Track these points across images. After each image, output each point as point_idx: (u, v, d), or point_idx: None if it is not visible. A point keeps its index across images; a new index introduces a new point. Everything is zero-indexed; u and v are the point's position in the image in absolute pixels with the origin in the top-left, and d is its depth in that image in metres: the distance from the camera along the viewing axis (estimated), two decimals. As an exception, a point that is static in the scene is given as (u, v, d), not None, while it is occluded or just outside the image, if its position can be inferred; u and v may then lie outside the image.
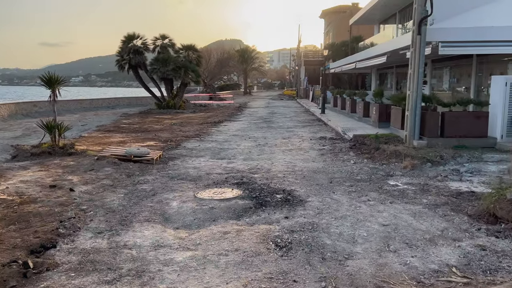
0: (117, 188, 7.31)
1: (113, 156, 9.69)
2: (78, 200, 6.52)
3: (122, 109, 28.22)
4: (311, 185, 7.37)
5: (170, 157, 10.53)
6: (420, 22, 10.26)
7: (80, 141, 12.84)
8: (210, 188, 7.28)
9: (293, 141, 13.39)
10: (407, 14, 23.17)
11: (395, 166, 8.98)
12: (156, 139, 13.63)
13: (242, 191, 6.89)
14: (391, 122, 13.30)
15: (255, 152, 11.31)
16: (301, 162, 9.83)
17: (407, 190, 6.90)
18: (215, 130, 16.77)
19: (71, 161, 9.46)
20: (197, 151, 11.47)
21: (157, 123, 18.96)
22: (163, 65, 25.50)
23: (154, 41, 27.00)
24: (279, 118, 22.05)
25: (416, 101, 10.54)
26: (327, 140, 13.56)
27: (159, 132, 15.76)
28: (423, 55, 10.35)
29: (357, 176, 8.07)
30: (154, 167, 9.21)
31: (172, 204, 6.30)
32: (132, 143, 12.66)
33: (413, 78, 10.55)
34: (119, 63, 26.44)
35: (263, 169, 8.97)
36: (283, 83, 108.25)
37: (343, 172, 8.46)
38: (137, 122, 19.55)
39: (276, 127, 17.82)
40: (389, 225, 5.21)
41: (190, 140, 13.74)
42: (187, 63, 26.22)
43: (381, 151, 10.27)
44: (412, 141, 10.63)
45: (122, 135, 14.87)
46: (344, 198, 6.49)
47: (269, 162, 9.83)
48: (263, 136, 14.64)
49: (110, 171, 8.59)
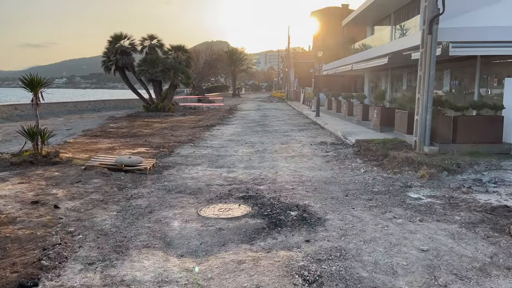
0: (109, 204, 6.49)
1: (102, 165, 8.84)
2: (64, 220, 5.69)
3: (109, 112, 27.18)
4: (325, 199, 6.65)
5: (164, 165, 9.71)
6: (432, 21, 9.66)
7: (65, 147, 11.91)
8: (214, 203, 6.50)
9: (292, 147, 12.69)
10: (403, 14, 22.74)
11: (410, 176, 8.33)
12: (147, 145, 12.78)
13: (251, 208, 6.14)
14: (396, 127, 12.70)
15: (256, 159, 10.56)
16: (307, 170, 9.12)
17: (434, 205, 6.23)
18: (208, 134, 15.97)
19: (56, 172, 8.58)
20: (192, 159, 10.67)
21: (146, 127, 18.06)
22: (152, 66, 24.58)
23: (142, 42, 26.05)
24: (273, 121, 21.35)
25: (426, 104, 9.93)
26: (329, 145, 12.89)
27: (149, 137, 14.90)
28: (435, 56, 9.76)
29: (373, 187, 7.39)
30: (148, 178, 8.39)
31: (173, 225, 5.51)
32: (121, 150, 11.80)
33: (424, 80, 9.95)
34: (105, 64, 25.42)
35: (268, 179, 8.23)
36: (270, 85, 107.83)
37: (357, 183, 7.76)
38: (125, 126, 18.62)
39: (271, 131, 17.10)
40: (428, 251, 4.51)
41: (183, 145, 12.92)
42: (176, 64, 25.34)
43: (391, 159, 9.62)
44: (423, 147, 10.01)
45: (110, 140, 13.97)
46: (366, 215, 5.78)
47: (273, 171, 9.09)
48: (260, 141, 13.90)
49: (99, 183, 7.75)
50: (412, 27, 20.18)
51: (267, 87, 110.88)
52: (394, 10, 23.87)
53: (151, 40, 26.22)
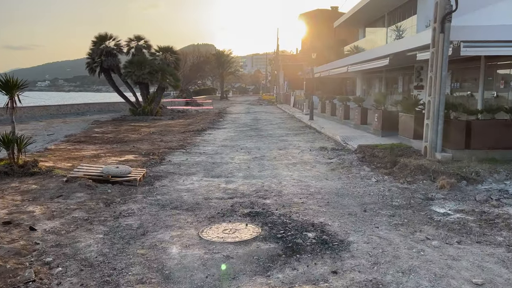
0: (94, 224, 5.60)
1: (86, 176, 7.92)
2: (41, 246, 4.80)
3: (93, 116, 26.05)
4: (342, 216, 5.88)
5: (155, 175, 8.83)
6: (444, 18, 9.01)
7: (45, 155, 10.93)
8: (216, 222, 5.67)
9: (292, 153, 11.91)
10: (398, 15, 22.26)
11: (426, 186, 7.63)
12: (135, 152, 11.86)
13: (260, 228, 5.32)
14: (400, 131, 12.04)
15: (255, 167, 9.75)
16: (313, 180, 8.35)
17: (468, 222, 5.51)
18: (200, 139, 15.10)
19: (34, 184, 7.64)
20: (186, 167, 9.80)
21: (133, 132, 17.10)
22: (138, 68, 23.59)
23: (128, 43, 25.04)
24: (266, 125, 20.57)
25: (438, 108, 9.27)
26: (329, 151, 12.15)
27: (137, 142, 13.96)
28: (447, 55, 9.10)
29: (392, 200, 6.64)
30: (138, 191, 7.51)
31: (171, 251, 4.66)
32: (107, 158, 10.86)
33: (435, 82, 9.28)
34: (90, 66, 24.34)
35: (273, 191, 7.43)
36: (257, 88, 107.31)
37: (372, 195, 7.01)
38: (111, 130, 17.62)
39: (266, 135, 16.32)
40: (484, 284, 3.76)
41: (174, 152, 12.04)
42: (164, 66, 24.38)
43: (402, 166, 8.92)
44: (434, 154, 9.34)
45: (95, 146, 13.00)
46: (395, 236, 5.02)
47: (276, 181, 8.30)
48: (256, 147, 13.09)
49: (83, 198, 6.84)
50: (408, 27, 19.67)
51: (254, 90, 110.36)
52: (388, 11, 23.40)
53: (137, 41, 25.24)
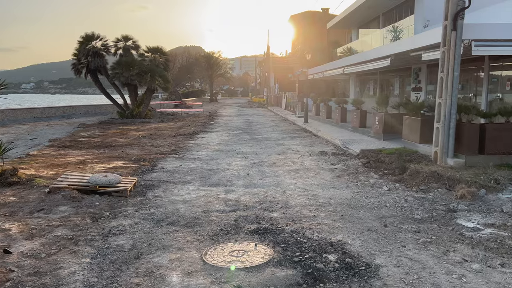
0: (80, 245, 4.86)
1: (71, 187, 7.16)
2: (16, 275, 4.06)
3: (79, 119, 25.13)
4: (362, 232, 5.24)
5: (147, 184, 8.09)
6: (456, 15, 8.47)
7: (27, 162, 10.10)
8: (220, 241, 4.98)
9: (291, 158, 11.27)
10: (393, 16, 21.86)
11: (443, 195, 7.05)
12: (124, 158, 11.09)
13: (272, 249, 4.65)
14: (404, 135, 11.48)
15: (255, 174, 9.08)
16: (319, 189, 7.71)
17: (504, 240, 4.91)
18: (192, 143, 14.37)
19: (12, 196, 6.86)
20: (180, 175, 9.08)
21: (122, 136, 16.29)
22: (127, 69, 22.72)
23: (116, 43, 24.16)
24: (259, 128, 19.91)
25: (450, 111, 8.72)
26: (330, 156, 11.54)
27: (126, 147, 13.18)
28: (459, 55, 8.56)
29: (412, 213, 6.03)
30: (129, 203, 6.78)
31: (171, 280, 3.96)
32: (94, 164, 10.08)
33: (447, 83, 8.73)
34: (76, 67, 23.39)
35: (278, 202, 6.77)
36: (246, 90, 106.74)
37: (389, 206, 6.39)
38: (98, 134, 16.77)
39: (261, 139, 15.65)
40: (551, 323, 3.15)
41: (167, 158, 11.30)
42: (153, 67, 23.56)
43: (414, 173, 8.33)
44: (446, 159, 8.78)
45: (81, 152, 12.18)
46: (427, 258, 4.40)
47: (279, 190, 7.64)
48: (253, 152, 12.42)
49: (67, 212, 6.09)
50: (405, 28, 19.24)
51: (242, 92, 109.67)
52: (384, 11, 23.01)
53: (125, 41, 24.37)
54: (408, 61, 15.25)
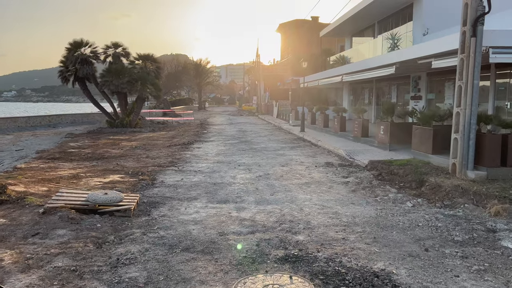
0: (86, 280, 4.20)
1: (68, 206, 6.46)
2: (13, 321, 3.37)
3: (66, 128, 24.20)
4: (403, 258, 4.69)
5: (150, 201, 7.43)
6: (476, 21, 8.09)
7: (14, 176, 9.33)
8: (248, 271, 4.37)
9: (297, 170, 10.73)
10: (389, 24, 21.66)
11: (473, 211, 6.58)
12: (120, 171, 10.39)
13: (311, 281, 4.06)
14: (414, 145, 11.05)
15: (264, 189, 8.49)
16: (338, 205, 7.17)
17: None
18: (190, 154, 13.71)
19: (2, 218, 6.13)
20: (184, 190, 8.44)
21: (114, 146, 15.53)
22: (116, 77, 21.94)
23: (105, 50, 23.39)
24: (255, 138, 19.34)
25: (470, 121, 8.31)
26: (338, 167, 11.03)
27: (120, 159, 12.45)
28: (479, 62, 8.17)
29: (449, 234, 5.52)
30: (134, 223, 6.12)
31: (202, 325, 3.34)
32: (89, 178, 9.36)
33: (466, 91, 8.33)
34: (63, 74, 22.53)
35: (299, 221, 6.19)
36: (232, 98, 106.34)
37: (422, 226, 5.87)
38: (88, 145, 15.97)
39: (260, 149, 15.08)
40: None
41: (166, 170, 10.63)
42: (144, 74, 22.84)
43: (434, 187, 7.87)
44: (466, 172, 8.34)
45: (72, 164, 11.42)
46: (489, 291, 3.87)
47: (295, 207, 7.06)
48: (255, 163, 11.84)
49: (66, 237, 5.41)
50: (402, 35, 19.02)
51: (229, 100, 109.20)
52: (379, 19, 22.82)
53: (115, 48, 23.62)
54: (412, 69, 14.94)
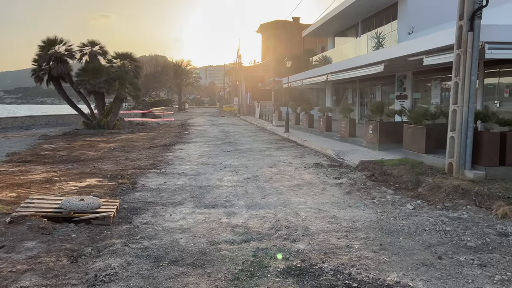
0: (57, 302, 3.59)
1: (39, 214, 5.80)
2: None
3: (40, 130, 23.13)
4: (416, 267, 4.25)
5: (132, 207, 6.81)
6: (473, 14, 7.79)
7: (-20, 181, 8.52)
8: None
9: (286, 171, 10.25)
10: (373, 23, 21.48)
11: (478, 213, 6.23)
12: (98, 174, 9.69)
13: (321, 298, 3.56)
14: (405, 144, 10.74)
15: (254, 192, 7.97)
16: (335, 208, 6.71)
17: None
18: (172, 156, 13.06)
19: (-39, 229, 5.41)
20: (168, 194, 7.83)
21: (90, 148, 14.73)
22: (93, 76, 21.04)
23: (81, 48, 22.44)
24: (239, 139, 18.80)
25: (467, 118, 7.99)
26: (328, 168, 10.62)
27: (98, 161, 11.72)
28: (477, 57, 7.87)
29: (460, 239, 5.12)
30: (114, 233, 5.50)
31: None
32: (64, 183, 8.64)
33: (463, 88, 8.01)
34: (36, 73, 21.48)
35: (296, 227, 5.69)
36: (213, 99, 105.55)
37: (429, 231, 5.46)
38: (63, 147, 15.11)
39: (245, 150, 14.56)
40: None
41: (147, 173, 9.98)
42: (123, 74, 22.00)
43: (433, 188, 7.50)
44: (464, 172, 8.03)
45: (46, 168, 10.65)
46: (521, 305, 3.45)
47: (290, 211, 6.57)
48: (242, 164, 11.31)
49: (36, 250, 4.76)
50: (387, 34, 18.84)
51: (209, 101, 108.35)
52: (363, 19, 22.63)
53: (92, 47, 22.69)
54: (399, 67, 14.70)
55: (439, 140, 10.11)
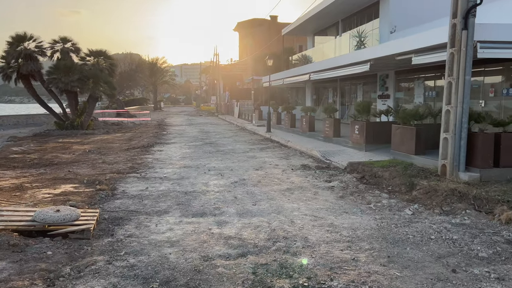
0: None
1: (9, 228, 5.20)
2: None
3: (8, 131, 21.98)
4: (432, 284, 3.94)
5: (113, 217, 6.27)
6: (468, 13, 7.59)
7: None
8: (251, 313, 3.41)
9: (273, 174, 9.87)
10: (354, 22, 21.36)
11: (479, 218, 6.01)
12: (73, 180, 9.04)
13: (338, 326, 3.17)
14: (394, 145, 10.53)
15: (244, 197, 7.54)
16: (331, 215, 6.37)
17: None
18: (152, 158, 12.47)
19: None
20: (151, 201, 7.31)
21: (64, 151, 13.95)
22: (66, 74, 20.07)
23: (53, 45, 21.39)
24: (220, 139, 18.30)
25: (461, 119, 7.80)
26: (316, 170, 10.30)
27: (73, 165, 11.03)
28: (471, 56, 7.69)
29: (470, 249, 4.84)
30: (94, 248, 4.97)
31: None
32: (36, 190, 7.98)
33: (456, 88, 7.82)
34: (4, 71, 20.33)
35: (294, 238, 5.30)
36: (188, 98, 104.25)
37: (435, 239, 5.17)
38: (34, 149, 14.26)
39: (228, 151, 14.10)
40: None
41: (127, 178, 9.40)
42: (97, 72, 21.09)
43: (429, 191, 7.26)
44: (458, 174, 7.84)
45: (15, 172, 9.90)
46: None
47: (285, 219, 6.18)
48: (227, 167, 10.86)
49: (6, 272, 4.20)
50: (368, 32, 18.72)
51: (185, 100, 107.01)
52: (343, 17, 22.49)
53: (64, 44, 21.67)
54: (383, 66, 14.55)
55: (429, 141, 9.97)
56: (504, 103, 11.21)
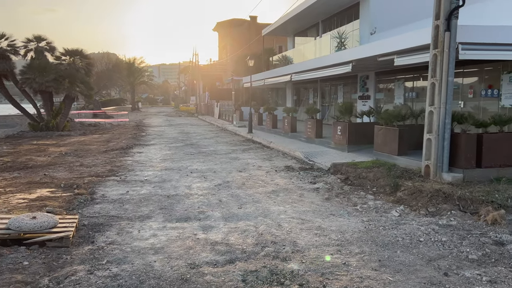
0: None
1: (-19, 238, 4.89)
2: None
3: (-21, 132, 21.11)
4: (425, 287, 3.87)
5: (93, 223, 6.01)
6: (451, 14, 7.64)
7: None
8: (244, 325, 3.26)
9: (257, 175, 9.74)
10: (334, 23, 21.45)
11: (465, 219, 6.03)
12: (49, 184, 8.69)
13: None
14: (377, 146, 10.55)
15: (229, 200, 7.38)
16: (318, 218, 6.28)
17: None
18: (131, 161, 12.15)
19: None
20: (132, 206, 7.07)
21: (39, 153, 13.46)
22: (40, 74, 19.42)
23: (26, 44, 20.66)
24: (201, 140, 18.06)
25: (444, 120, 7.85)
26: (300, 171, 10.23)
27: (49, 168, 10.62)
28: (454, 58, 7.75)
29: (460, 251, 4.82)
30: (74, 257, 4.72)
31: None
32: (10, 195, 7.62)
33: (440, 89, 7.86)
34: (-26, 70, 19.53)
35: (283, 242, 5.18)
36: (166, 98, 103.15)
37: (425, 242, 5.13)
38: (7, 152, 13.71)
39: (209, 152, 13.89)
40: None
41: (106, 181, 9.10)
42: (73, 71, 20.50)
43: (414, 192, 7.28)
44: (441, 175, 7.88)
45: (-13, 177, 9.45)
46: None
47: (271, 222, 6.06)
48: (209, 169, 10.67)
49: (-22, 285, 3.92)
50: (349, 33, 18.82)
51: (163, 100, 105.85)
52: (323, 18, 22.57)
53: (38, 42, 20.96)
54: (362, 67, 14.62)
55: (411, 142, 10.02)
56: (482, 104, 11.40)
